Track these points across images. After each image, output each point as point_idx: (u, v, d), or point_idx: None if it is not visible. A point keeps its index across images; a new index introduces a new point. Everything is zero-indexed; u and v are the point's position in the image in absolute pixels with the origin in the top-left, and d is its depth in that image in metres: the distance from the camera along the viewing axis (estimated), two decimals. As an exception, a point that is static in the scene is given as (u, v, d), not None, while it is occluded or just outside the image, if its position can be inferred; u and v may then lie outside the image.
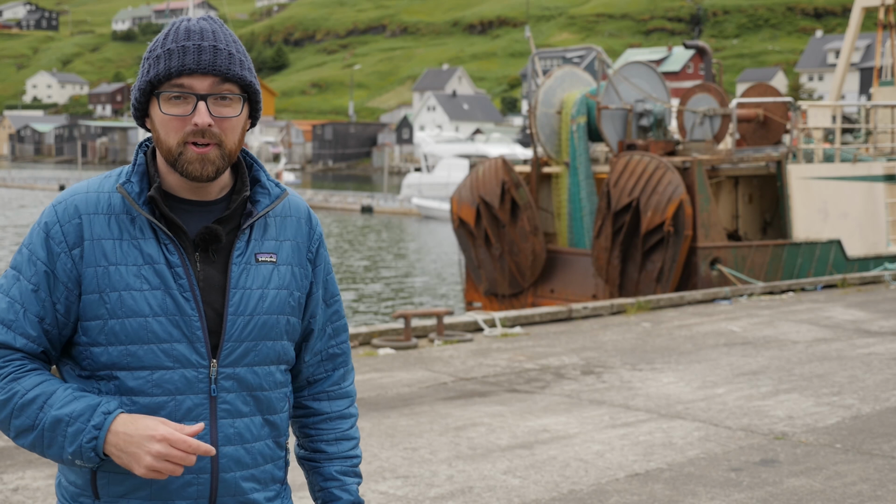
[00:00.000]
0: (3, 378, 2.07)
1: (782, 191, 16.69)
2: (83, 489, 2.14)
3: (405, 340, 10.04)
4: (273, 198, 2.22)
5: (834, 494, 5.71)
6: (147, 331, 2.08)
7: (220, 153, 2.11)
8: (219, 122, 2.10)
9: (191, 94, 2.08)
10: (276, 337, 2.19)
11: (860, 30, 24.82)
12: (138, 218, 2.12)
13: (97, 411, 2.02)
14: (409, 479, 5.89)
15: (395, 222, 46.18)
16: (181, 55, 2.08)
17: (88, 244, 2.10)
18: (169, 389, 2.09)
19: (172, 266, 2.10)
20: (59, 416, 2.03)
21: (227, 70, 2.10)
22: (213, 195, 2.18)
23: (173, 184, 2.16)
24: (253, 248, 2.18)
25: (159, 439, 1.98)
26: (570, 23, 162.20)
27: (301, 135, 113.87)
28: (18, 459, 6.16)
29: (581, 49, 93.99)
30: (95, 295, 2.10)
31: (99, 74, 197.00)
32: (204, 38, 2.10)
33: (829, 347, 10.16)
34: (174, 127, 2.09)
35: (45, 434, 2.04)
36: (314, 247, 2.30)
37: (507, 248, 17.71)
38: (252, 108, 2.19)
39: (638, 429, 7.08)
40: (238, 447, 2.14)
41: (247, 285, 2.15)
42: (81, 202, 2.14)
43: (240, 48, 2.15)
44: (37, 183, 75.00)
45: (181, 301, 2.09)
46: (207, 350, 2.11)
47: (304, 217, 2.30)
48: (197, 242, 2.13)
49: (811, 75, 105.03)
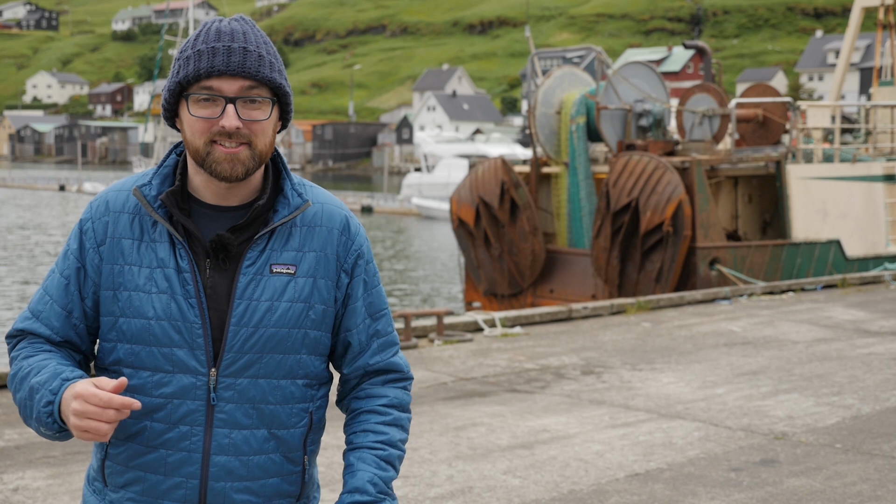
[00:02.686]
0: (19, 357, 2.16)
1: (781, 191, 16.69)
2: (97, 473, 2.21)
3: (405, 340, 10.04)
4: (292, 209, 2.16)
5: (834, 494, 5.72)
6: (149, 333, 2.09)
7: (250, 154, 2.09)
8: (248, 124, 2.08)
9: (219, 97, 2.07)
10: (289, 351, 2.14)
11: (860, 30, 24.84)
12: (158, 221, 2.13)
13: (58, 378, 2.04)
14: (409, 479, 5.90)
15: (395, 222, 46.18)
16: (210, 57, 2.06)
17: (110, 241, 2.14)
18: (167, 393, 2.10)
19: (182, 271, 2.10)
20: (33, 384, 2.07)
21: (256, 72, 2.08)
22: (237, 201, 2.16)
23: (199, 186, 2.15)
24: (268, 258, 2.13)
25: (75, 396, 1.98)
26: (570, 23, 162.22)
27: (301, 135, 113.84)
28: (18, 459, 6.16)
29: (581, 49, 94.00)
30: (110, 292, 2.13)
31: (99, 74, 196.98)
32: (234, 40, 2.08)
33: (829, 347, 10.16)
34: (201, 128, 2.08)
35: (27, 404, 2.09)
36: (351, 258, 2.22)
37: (507, 249, 17.71)
38: (282, 111, 2.17)
39: (638, 429, 7.08)
40: (232, 458, 2.12)
41: (254, 297, 2.12)
42: (112, 200, 2.18)
43: (270, 49, 2.13)
44: (37, 183, 75.00)
45: (185, 307, 2.09)
46: (208, 358, 2.10)
47: (339, 227, 2.22)
48: (208, 249, 2.12)
49: (811, 75, 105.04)
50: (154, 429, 2.11)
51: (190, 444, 2.11)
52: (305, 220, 2.19)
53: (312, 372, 2.20)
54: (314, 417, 2.22)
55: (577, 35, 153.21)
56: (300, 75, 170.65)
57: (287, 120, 2.19)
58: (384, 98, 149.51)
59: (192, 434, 2.11)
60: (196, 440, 2.11)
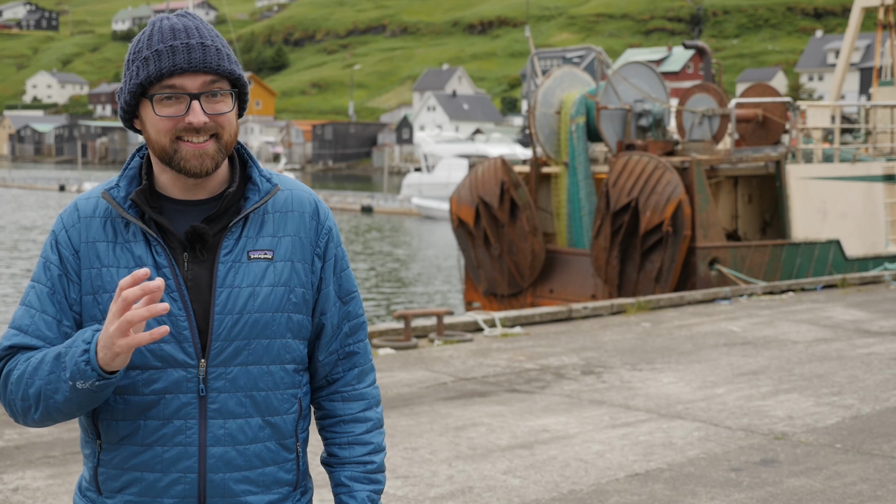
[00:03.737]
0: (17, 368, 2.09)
1: (781, 191, 16.69)
2: (90, 483, 2.19)
3: (405, 340, 10.04)
4: (263, 194, 2.19)
5: (834, 494, 5.72)
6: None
7: (217, 147, 2.11)
8: (214, 118, 2.10)
9: (183, 94, 2.08)
10: (273, 335, 2.16)
11: (860, 30, 24.84)
12: (132, 222, 2.14)
13: (86, 332, 2.01)
14: (409, 479, 5.90)
15: (395, 222, 46.18)
16: (171, 55, 2.07)
17: (85, 246, 2.15)
18: (158, 389, 2.10)
19: (160, 267, 2.11)
20: (56, 352, 2.03)
21: (217, 66, 2.10)
22: (206, 194, 2.18)
23: (166, 184, 2.17)
24: (244, 245, 2.15)
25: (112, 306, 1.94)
26: (570, 23, 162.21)
27: (301, 135, 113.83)
28: (18, 459, 6.17)
29: (581, 49, 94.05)
30: (90, 296, 2.13)
31: (99, 74, 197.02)
32: (190, 37, 2.09)
33: (829, 347, 10.16)
34: (166, 127, 2.09)
35: (50, 380, 2.02)
36: (322, 241, 2.25)
37: (507, 248, 17.71)
38: (240, 101, 2.19)
39: (638, 429, 7.08)
40: (229, 448, 2.13)
41: (235, 283, 2.13)
42: (82, 206, 2.19)
43: (223, 42, 2.15)
44: (37, 183, 74.99)
45: (167, 302, 2.09)
46: (196, 350, 2.11)
47: (310, 211, 2.25)
48: (184, 242, 2.13)
49: (811, 75, 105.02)
50: (148, 426, 2.11)
51: (185, 437, 2.11)
52: (277, 206, 2.22)
53: (298, 356, 2.22)
54: (302, 403, 2.25)
55: (577, 35, 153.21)
56: (300, 75, 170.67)
57: (244, 108, 2.22)
58: (384, 98, 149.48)
59: (187, 427, 2.11)
60: (191, 433, 2.11)
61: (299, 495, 2.27)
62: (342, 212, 51.97)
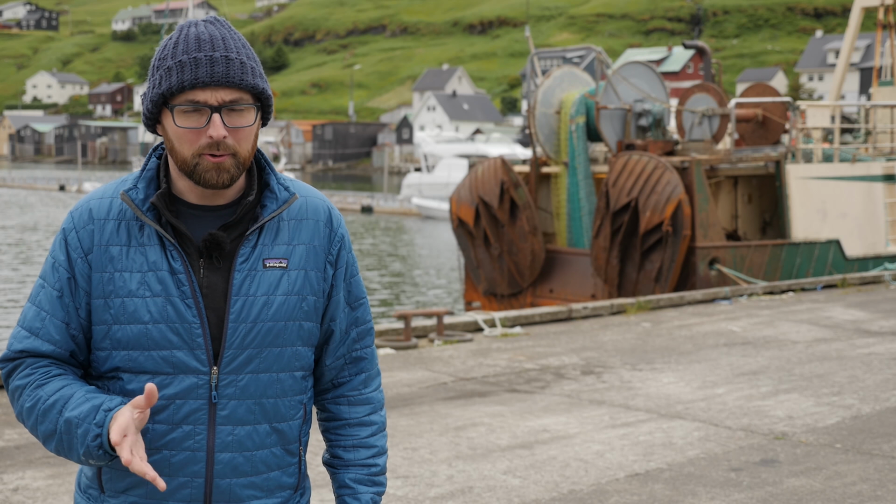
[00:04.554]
0: (30, 386, 2.12)
1: (781, 191, 16.70)
2: (92, 482, 2.20)
3: (405, 340, 10.04)
4: (280, 202, 2.18)
5: (834, 494, 5.72)
6: (147, 338, 2.09)
7: (234, 162, 2.10)
8: (233, 132, 2.09)
9: (205, 107, 2.07)
10: (286, 343, 2.17)
11: (860, 30, 24.83)
12: (146, 224, 2.13)
13: (100, 410, 2.03)
14: (409, 479, 5.90)
15: (395, 222, 46.18)
16: (193, 68, 2.06)
17: (97, 249, 2.13)
18: (168, 394, 2.10)
19: (175, 273, 2.11)
20: (69, 418, 2.05)
21: (240, 81, 2.08)
22: (223, 200, 2.17)
23: (183, 188, 2.16)
24: (260, 253, 2.15)
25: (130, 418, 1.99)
26: (570, 23, 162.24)
27: (301, 135, 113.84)
28: (18, 459, 6.17)
29: (581, 49, 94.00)
30: (101, 300, 2.12)
31: (99, 74, 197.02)
32: (215, 49, 2.08)
33: (829, 347, 10.16)
34: (189, 139, 2.08)
35: (63, 437, 2.07)
36: (335, 249, 2.26)
37: (506, 248, 17.71)
38: (264, 112, 2.18)
39: (638, 429, 7.08)
40: (236, 454, 2.14)
41: (250, 292, 2.13)
42: (95, 207, 2.17)
43: (250, 54, 2.14)
44: (37, 183, 74.98)
45: (182, 308, 2.10)
46: (209, 357, 2.11)
47: (323, 219, 2.25)
48: (201, 249, 2.13)
49: (811, 75, 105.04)
50: (157, 430, 2.11)
51: (194, 443, 2.11)
52: (292, 214, 2.22)
53: (307, 363, 2.24)
54: (307, 409, 2.27)
55: (577, 35, 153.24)
56: (300, 75, 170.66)
57: (267, 119, 2.21)
58: (384, 98, 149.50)
59: (196, 433, 2.11)
60: (200, 439, 2.12)
61: (298, 497, 2.29)
62: (342, 212, 51.99)
